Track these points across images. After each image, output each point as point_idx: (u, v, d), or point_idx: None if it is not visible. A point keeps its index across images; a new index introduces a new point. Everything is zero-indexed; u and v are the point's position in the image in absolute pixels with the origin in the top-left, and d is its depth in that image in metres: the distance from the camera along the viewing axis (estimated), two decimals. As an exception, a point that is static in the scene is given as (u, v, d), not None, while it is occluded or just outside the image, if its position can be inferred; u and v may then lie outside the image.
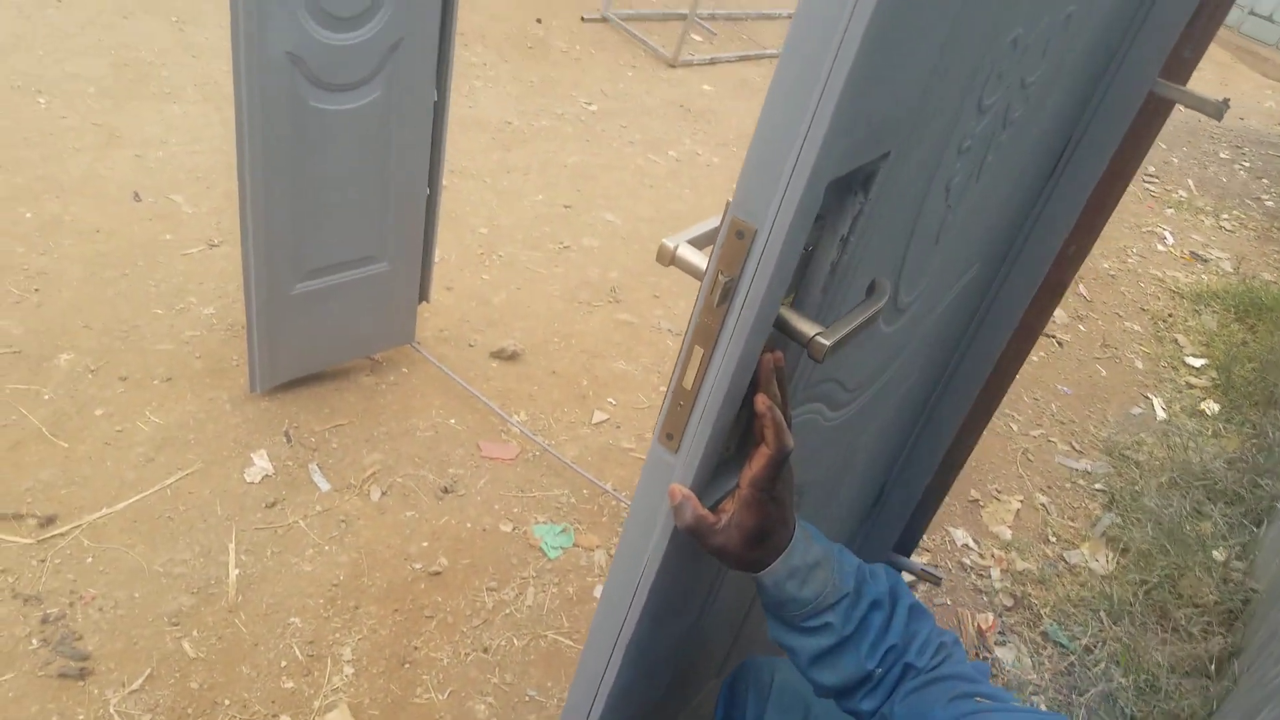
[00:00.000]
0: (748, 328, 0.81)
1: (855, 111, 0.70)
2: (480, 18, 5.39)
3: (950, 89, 0.87)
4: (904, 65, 0.74)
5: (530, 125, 4.54)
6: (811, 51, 0.67)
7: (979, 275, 1.54)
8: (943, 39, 0.77)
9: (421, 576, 2.19)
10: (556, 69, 5.22)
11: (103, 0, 4.23)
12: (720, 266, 0.81)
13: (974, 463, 3.21)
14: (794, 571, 0.94)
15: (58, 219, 2.87)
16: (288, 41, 1.84)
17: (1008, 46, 0.95)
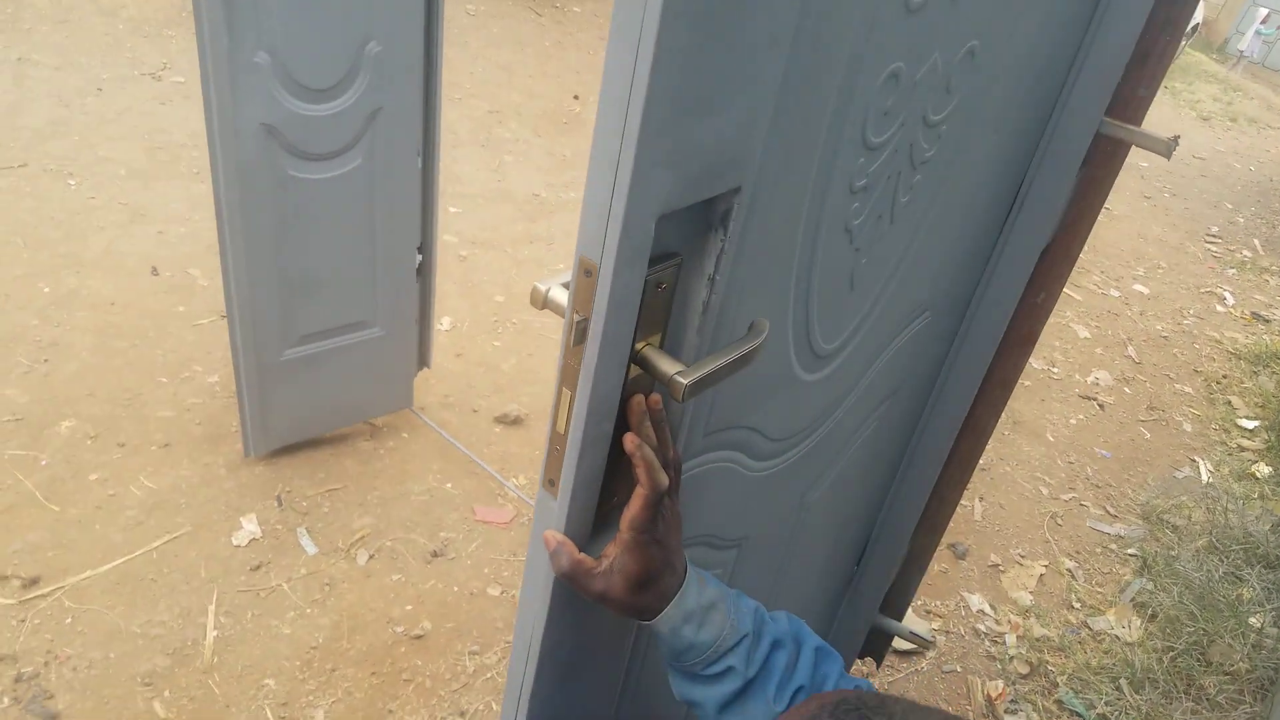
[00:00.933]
0: (603, 366, 0.80)
1: (670, 144, 0.69)
2: (518, 96, 5.53)
3: (810, 124, 0.86)
4: (728, 95, 0.73)
5: (558, 197, 4.61)
6: (616, 82, 0.67)
7: (935, 325, 1.50)
8: (778, 72, 0.76)
9: (403, 640, 2.16)
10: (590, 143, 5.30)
11: (143, 89, 4.44)
12: (575, 306, 0.80)
13: (996, 527, 3.11)
14: (689, 615, 0.90)
15: (74, 293, 2.97)
16: (263, 113, 1.90)
17: (886, 82, 0.93)
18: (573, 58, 6.35)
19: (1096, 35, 1.32)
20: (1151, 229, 6.32)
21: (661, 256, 0.82)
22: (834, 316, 1.13)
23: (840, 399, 1.30)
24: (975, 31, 1.03)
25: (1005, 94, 1.22)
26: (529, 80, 5.78)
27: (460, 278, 3.64)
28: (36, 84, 4.26)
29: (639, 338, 0.85)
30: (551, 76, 5.95)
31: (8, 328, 2.79)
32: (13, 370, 2.63)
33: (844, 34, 0.83)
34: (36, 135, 3.85)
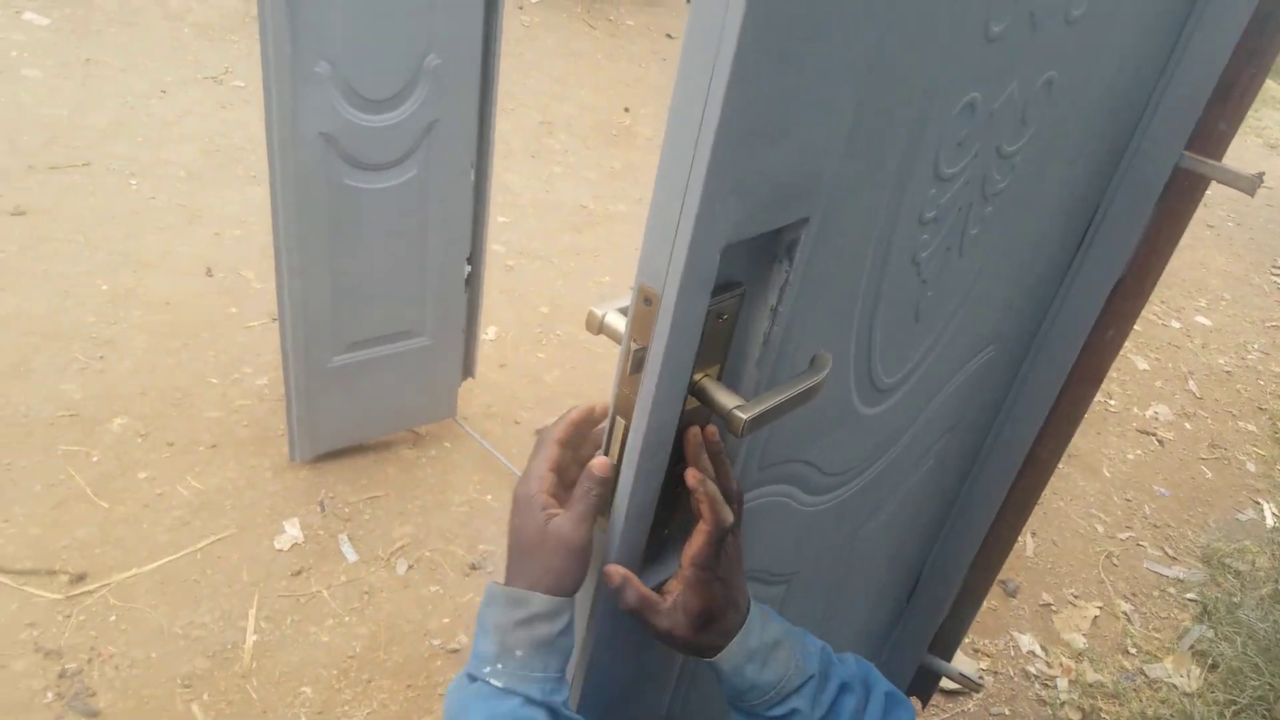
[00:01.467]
0: (660, 397, 0.78)
1: (740, 172, 0.67)
2: (570, 108, 5.55)
3: (883, 154, 0.83)
4: (801, 125, 0.70)
5: (606, 209, 4.60)
6: (686, 108, 0.64)
7: (999, 359, 1.46)
8: (853, 100, 0.73)
9: (439, 653, 2.15)
10: (640, 155, 5.31)
11: (204, 92, 4.52)
12: (633, 334, 0.78)
13: (1049, 564, 3.02)
14: (752, 654, 0.87)
15: (131, 291, 3.02)
16: (321, 122, 1.91)
17: (961, 112, 0.90)
18: (624, 70, 6.36)
19: (1179, 67, 1.27)
20: (1215, 259, 6.16)
21: (724, 286, 0.79)
22: (897, 350, 1.09)
23: (899, 434, 1.26)
24: (1054, 61, 0.99)
25: (1082, 126, 1.18)
26: (581, 92, 5.79)
27: (506, 288, 3.64)
28: (103, 85, 4.35)
29: (697, 369, 0.82)
30: (603, 88, 5.96)
31: (67, 324, 2.84)
32: (69, 366, 2.67)
33: (921, 62, 0.80)
34: (101, 135, 3.93)
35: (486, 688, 0.77)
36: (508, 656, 0.78)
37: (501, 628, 0.79)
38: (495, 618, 0.80)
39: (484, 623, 0.80)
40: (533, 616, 0.80)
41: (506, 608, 0.80)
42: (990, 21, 0.83)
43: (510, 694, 0.77)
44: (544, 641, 0.80)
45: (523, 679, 0.78)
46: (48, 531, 2.19)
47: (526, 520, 0.82)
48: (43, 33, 4.66)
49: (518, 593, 0.80)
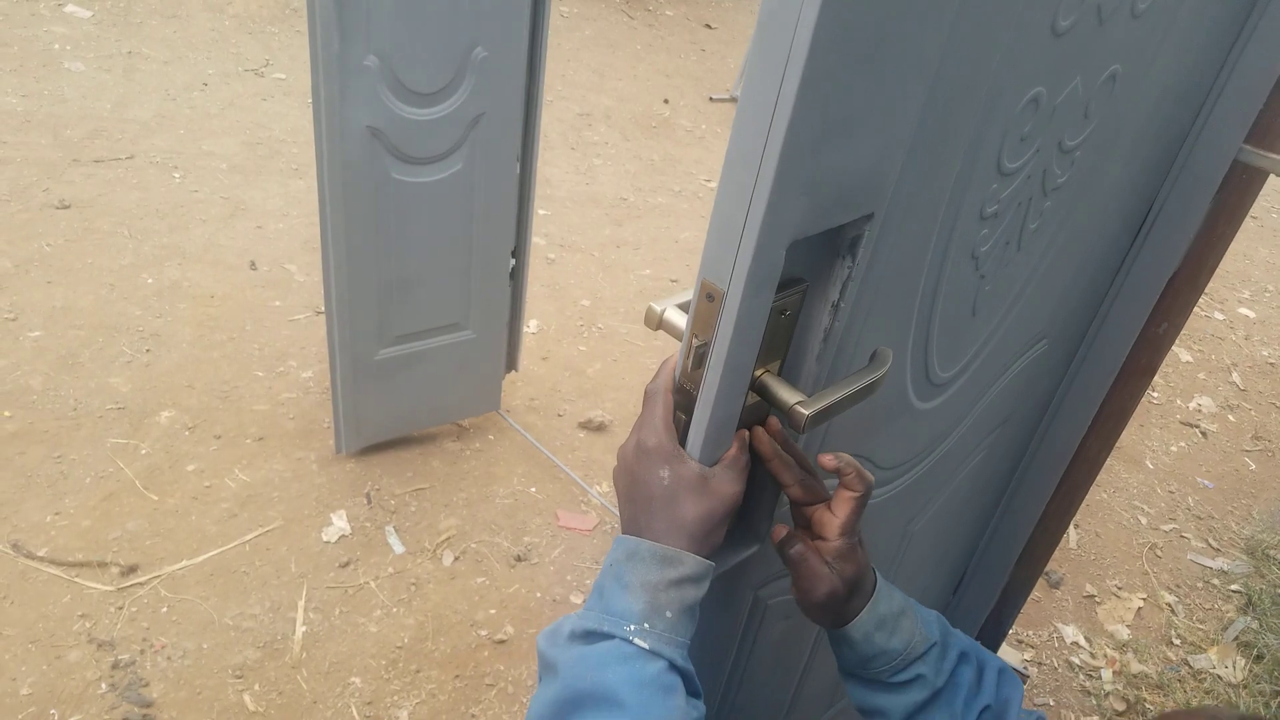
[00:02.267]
0: (723, 392, 0.78)
1: (809, 169, 0.67)
2: (608, 100, 5.54)
3: (948, 150, 0.82)
4: (870, 122, 0.70)
5: (646, 202, 4.60)
6: (756, 105, 0.64)
7: (1051, 353, 1.44)
8: (922, 98, 0.73)
9: (486, 644, 2.17)
10: (679, 147, 5.29)
11: (246, 85, 4.57)
12: (694, 329, 0.78)
13: (1092, 556, 2.99)
14: (882, 621, 0.88)
15: (176, 285, 3.06)
16: (369, 116, 1.92)
17: (1026, 107, 0.89)
18: (663, 61, 6.34)
19: (1240, 59, 1.25)
20: (1258, 251, 6.04)
21: (787, 283, 0.79)
22: (953, 344, 1.08)
23: (952, 427, 1.25)
24: (1118, 55, 0.98)
25: (1142, 119, 1.16)
26: (619, 83, 5.79)
27: (547, 280, 3.65)
28: (145, 78, 4.41)
29: (758, 364, 0.82)
30: (642, 80, 5.95)
31: (113, 317, 2.88)
32: (116, 359, 2.72)
33: (989, 58, 0.79)
34: (144, 128, 3.98)
35: (629, 647, 0.72)
36: (657, 617, 0.74)
37: (651, 586, 0.75)
38: (643, 575, 0.75)
39: (624, 578, 0.76)
40: (684, 578, 0.76)
41: (657, 565, 0.76)
42: (1058, 17, 0.82)
43: (656, 656, 0.73)
44: (691, 605, 0.77)
45: (670, 642, 0.74)
46: (98, 524, 2.23)
47: (669, 470, 0.78)
48: (85, 25, 4.73)
49: (671, 551, 0.76)
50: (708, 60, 6.58)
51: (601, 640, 0.73)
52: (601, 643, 0.73)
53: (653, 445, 0.80)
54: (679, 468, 0.79)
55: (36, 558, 2.12)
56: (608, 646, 0.73)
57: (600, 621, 0.74)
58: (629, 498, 0.81)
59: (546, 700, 0.72)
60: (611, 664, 0.72)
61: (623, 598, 0.75)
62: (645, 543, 0.77)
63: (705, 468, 0.80)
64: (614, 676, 0.71)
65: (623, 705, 0.70)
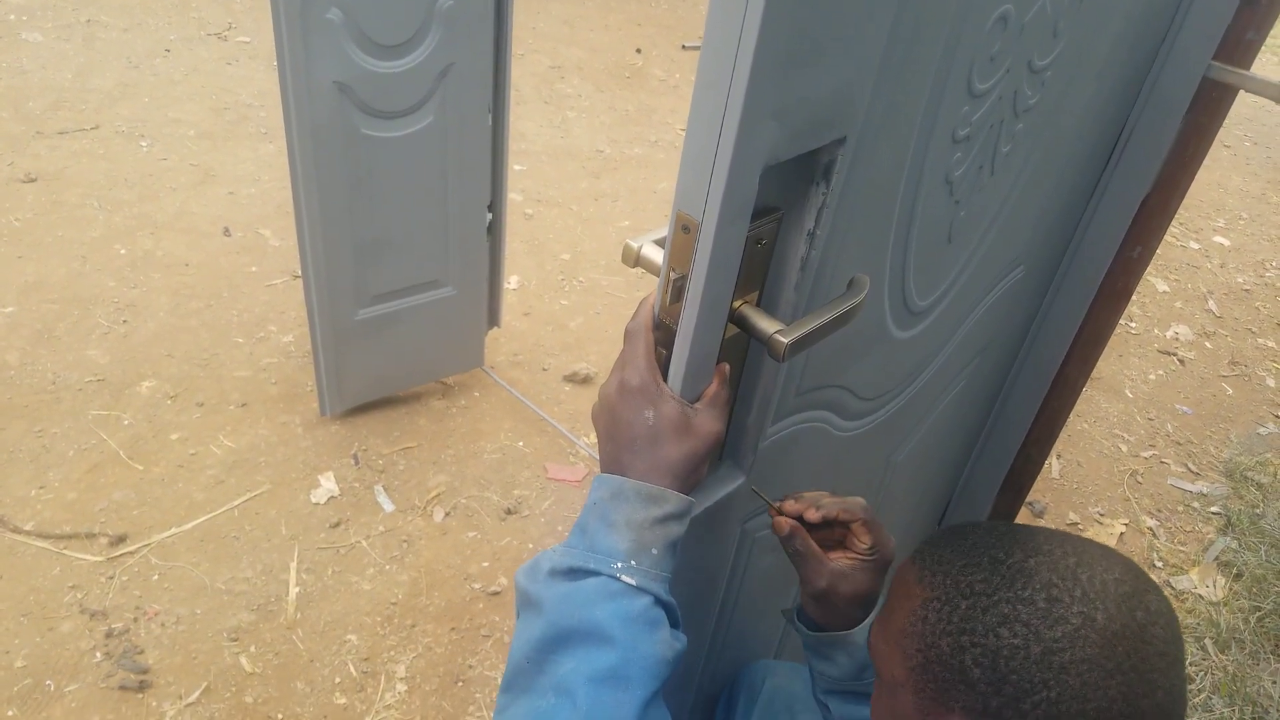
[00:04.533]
0: (701, 325, 0.78)
1: (778, 93, 0.67)
2: (580, 51, 5.47)
3: (917, 71, 0.82)
4: (838, 41, 0.69)
5: (622, 153, 4.56)
6: (721, 30, 0.64)
7: (1028, 280, 1.45)
8: (889, 17, 0.73)
9: (480, 596, 2.19)
10: (654, 97, 5.23)
11: (209, 49, 4.48)
12: (672, 263, 0.78)
13: (1074, 484, 3.04)
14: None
15: (149, 254, 3.03)
16: (335, 71, 1.89)
17: (994, 25, 0.88)
18: (634, 9, 6.25)
19: (1209, -28, 1.24)
20: (1232, 179, 6.06)
21: (762, 211, 0.79)
22: (930, 271, 1.09)
23: (931, 356, 1.26)
24: (1086, -31, 0.97)
25: (1111, 37, 1.16)
26: (590, 34, 5.71)
27: (526, 236, 3.63)
28: (106, 46, 4.32)
29: (736, 295, 0.82)
30: (613, 30, 5.87)
31: (87, 289, 2.85)
32: (93, 331, 2.70)
33: (955, -26, 0.78)
34: (107, 97, 3.91)
35: (615, 584, 0.73)
36: (643, 554, 0.75)
37: (636, 524, 0.76)
38: (628, 513, 0.76)
39: (609, 516, 0.76)
40: (668, 515, 0.77)
41: (641, 504, 0.76)
42: (1024, -72, 0.81)
43: (642, 592, 0.74)
44: (674, 541, 0.78)
45: (655, 577, 0.75)
46: (84, 495, 2.22)
47: (653, 410, 0.79)
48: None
49: (654, 489, 0.77)
50: (679, 8, 6.49)
51: (587, 577, 0.74)
52: (587, 579, 0.74)
53: (636, 384, 0.80)
54: (663, 407, 0.79)
55: (23, 531, 2.11)
56: (594, 583, 0.74)
57: (585, 559, 0.75)
58: (610, 437, 0.81)
59: (532, 638, 0.73)
60: (599, 600, 0.73)
61: (608, 536, 0.76)
62: (630, 482, 0.78)
63: (688, 406, 0.80)
64: (601, 613, 0.72)
65: (611, 640, 0.71)
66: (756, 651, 1.35)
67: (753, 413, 0.96)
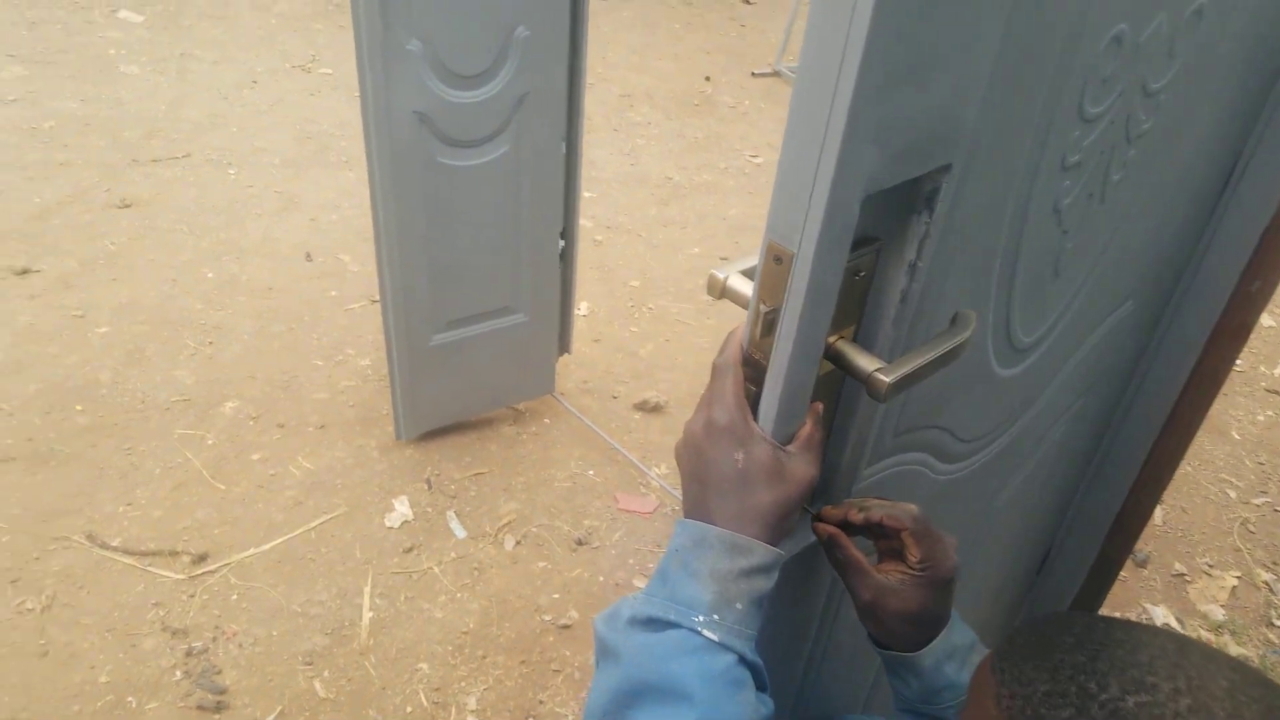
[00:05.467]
0: (795, 361, 0.73)
1: (882, 117, 0.62)
2: (650, 79, 5.49)
3: (1027, 93, 0.76)
4: (946, 63, 0.64)
5: (691, 180, 4.54)
6: (822, 47, 0.60)
7: (1138, 315, 1.37)
8: (998, 35, 0.68)
9: (551, 629, 2.15)
10: (723, 124, 5.22)
11: (294, 81, 4.60)
12: (762, 296, 0.74)
13: (1180, 532, 2.88)
14: (954, 651, 0.84)
15: (235, 278, 3.09)
16: (415, 101, 1.90)
17: (1108, 47, 0.83)
18: (703, 38, 6.26)
19: (1338, -15, 1.16)
20: (1340, 204, 5.79)
21: (861, 242, 0.75)
22: (1035, 306, 1.02)
23: (1035, 396, 1.19)
24: (1206, -14, 0.91)
25: (1230, 57, 1.08)
26: (660, 63, 5.72)
27: (596, 262, 3.62)
28: (198, 78, 4.46)
29: (831, 330, 0.77)
30: (682, 58, 5.87)
31: (176, 312, 2.92)
32: (181, 352, 2.76)
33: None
34: (198, 127, 4.03)
35: (697, 639, 0.69)
36: (727, 608, 0.70)
37: (721, 575, 0.71)
38: (712, 563, 0.71)
39: (691, 565, 0.72)
40: (754, 568, 0.72)
41: (727, 554, 0.72)
42: (1146, -58, 0.76)
43: (725, 650, 0.69)
44: (761, 596, 0.73)
45: (739, 634, 0.70)
46: (168, 513, 2.26)
47: (743, 451, 0.74)
48: (138, 30, 4.80)
49: (742, 540, 0.72)
50: (748, 35, 6.48)
51: (667, 629, 0.70)
52: (667, 631, 0.70)
53: (725, 423, 0.75)
54: (753, 449, 0.74)
55: (110, 548, 2.15)
56: (674, 636, 0.69)
57: (666, 609, 0.70)
58: (696, 478, 0.77)
59: (609, 688, 0.69)
60: (679, 655, 0.68)
61: (690, 586, 0.71)
62: (714, 529, 0.73)
63: (780, 449, 0.75)
64: (681, 668, 0.67)
65: (690, 699, 0.66)
66: (842, 706, 1.28)
67: (846, 455, 0.90)
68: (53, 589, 2.05)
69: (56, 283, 2.97)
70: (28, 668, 1.89)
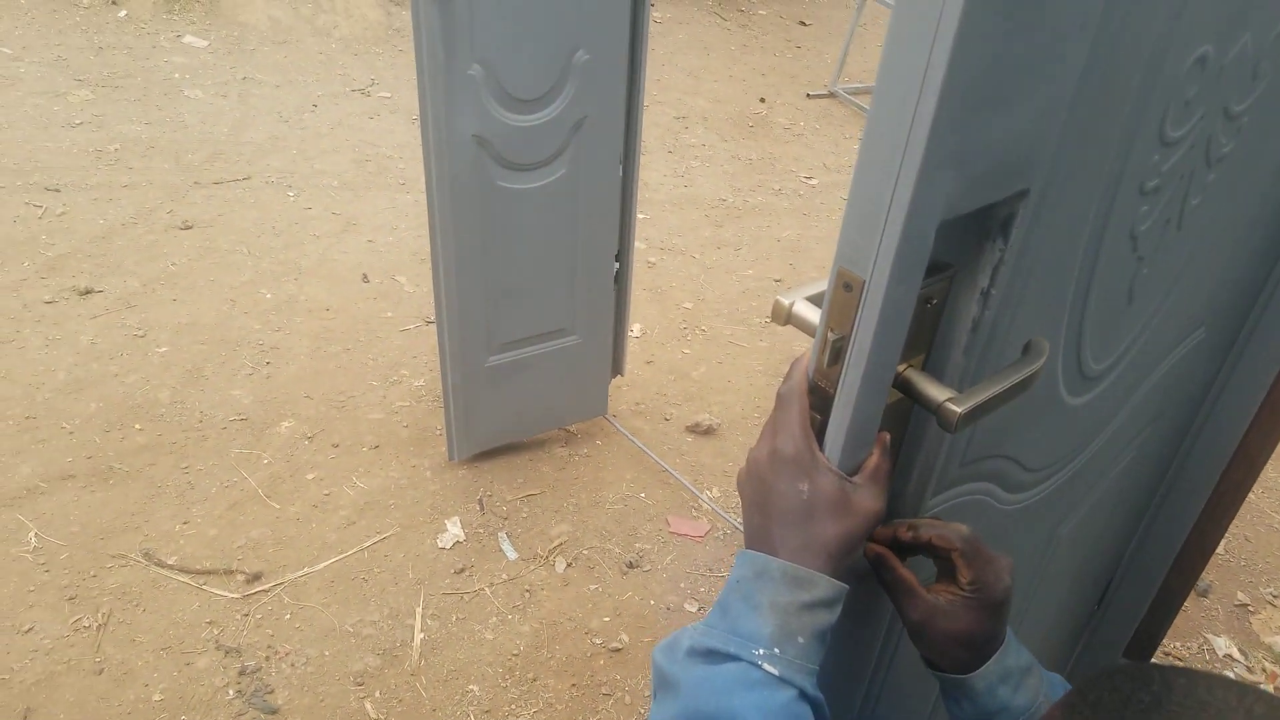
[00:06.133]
0: (864, 390, 0.72)
1: (962, 140, 0.61)
2: (704, 101, 5.50)
3: (1108, 118, 0.74)
4: (1028, 88, 0.63)
5: (745, 201, 4.53)
6: (902, 67, 0.59)
7: (1208, 342, 1.33)
8: (1081, 59, 0.66)
9: (601, 652, 2.14)
10: (777, 146, 5.21)
11: (353, 104, 4.68)
12: (830, 323, 0.73)
13: (1242, 561, 2.79)
14: (1008, 674, 0.81)
15: (293, 299, 3.14)
16: (474, 125, 1.92)
17: (1192, 68, 0.80)
18: (758, 60, 6.26)
19: None
20: None
21: (933, 269, 0.73)
22: (1107, 333, 1.00)
23: (1103, 425, 1.16)
24: (1292, 6, 0.88)
25: (1313, 77, 1.05)
26: (715, 85, 5.74)
27: (649, 284, 3.62)
28: (259, 101, 4.56)
29: (901, 359, 0.76)
30: (737, 80, 5.88)
31: (235, 332, 2.97)
32: (239, 372, 2.80)
33: (1154, 13, 0.71)
34: (259, 150, 4.11)
35: (757, 673, 0.67)
36: (788, 642, 0.69)
37: (783, 608, 0.70)
38: (773, 596, 0.70)
39: (753, 598, 0.71)
40: (817, 602, 0.70)
41: (788, 587, 0.70)
42: (1233, -38, 0.74)
43: (787, 685, 0.67)
44: (823, 630, 0.72)
45: (800, 669, 0.69)
46: (224, 532, 2.29)
47: (808, 482, 0.73)
48: (202, 54, 4.92)
49: (804, 572, 0.71)
50: (804, 57, 6.47)
51: (727, 661, 0.69)
52: (727, 664, 0.68)
53: (790, 453, 0.74)
54: (819, 480, 0.73)
55: (166, 566, 2.18)
56: (734, 669, 0.68)
57: (726, 641, 0.69)
58: (759, 508, 0.75)
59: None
60: (738, 689, 0.67)
61: (751, 619, 0.70)
62: (776, 561, 0.72)
63: (847, 481, 0.74)
64: (740, 703, 0.66)
65: None
66: (902, 738, 1.25)
67: (911, 485, 0.88)
68: (109, 606, 2.08)
69: (118, 302, 3.04)
70: (83, 685, 1.92)
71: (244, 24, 5.26)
